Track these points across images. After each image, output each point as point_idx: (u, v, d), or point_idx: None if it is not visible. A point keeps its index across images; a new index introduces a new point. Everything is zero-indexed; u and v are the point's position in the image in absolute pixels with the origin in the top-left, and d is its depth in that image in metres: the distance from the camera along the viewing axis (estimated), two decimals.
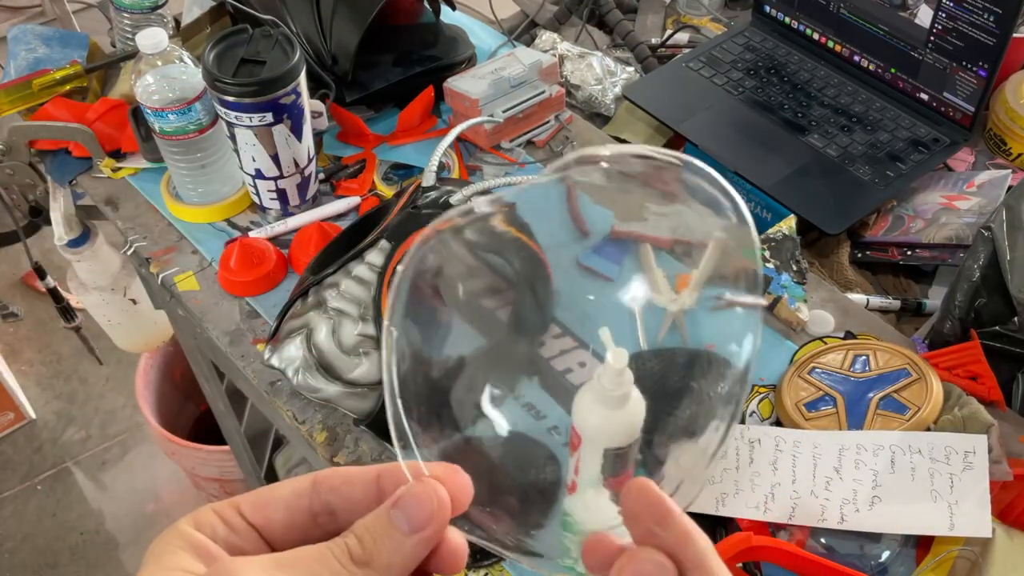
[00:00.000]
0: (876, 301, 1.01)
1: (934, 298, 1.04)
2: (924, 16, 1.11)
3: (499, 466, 0.41)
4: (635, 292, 0.40)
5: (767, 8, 1.31)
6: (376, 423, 0.86)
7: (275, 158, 1.00)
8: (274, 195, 1.05)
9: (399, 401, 0.37)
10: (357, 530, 0.33)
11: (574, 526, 0.72)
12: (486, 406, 0.41)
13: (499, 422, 0.42)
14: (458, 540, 0.35)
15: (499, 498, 0.39)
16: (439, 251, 0.39)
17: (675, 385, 0.43)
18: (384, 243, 0.87)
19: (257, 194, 1.05)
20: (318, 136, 1.13)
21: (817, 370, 0.87)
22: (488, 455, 0.41)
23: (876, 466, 0.77)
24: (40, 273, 1.40)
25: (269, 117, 0.95)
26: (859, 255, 1.08)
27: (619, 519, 0.69)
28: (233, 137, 0.98)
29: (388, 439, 0.46)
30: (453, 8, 1.28)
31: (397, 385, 0.37)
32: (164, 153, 1.05)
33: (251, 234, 1.05)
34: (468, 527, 0.36)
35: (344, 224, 1.05)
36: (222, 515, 0.34)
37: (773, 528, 0.78)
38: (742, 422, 0.86)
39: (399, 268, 0.37)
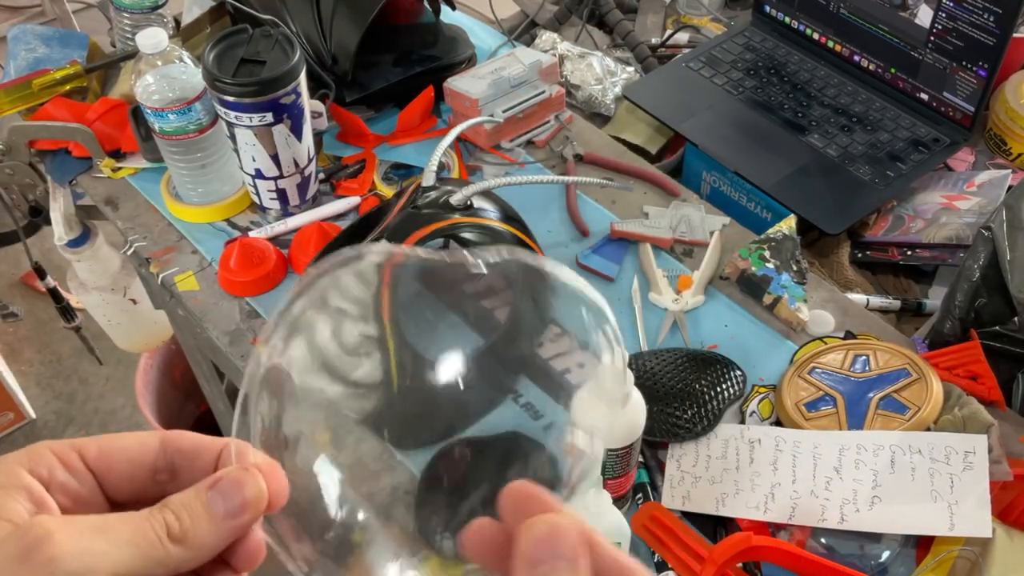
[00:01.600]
0: (876, 301, 1.01)
1: (934, 298, 1.04)
2: (924, 16, 1.11)
3: (320, 500, 0.42)
4: None
5: (767, 8, 1.31)
6: (376, 422, 0.86)
7: (275, 158, 1.00)
8: (274, 195, 1.05)
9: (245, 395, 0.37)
10: (174, 506, 0.33)
11: None
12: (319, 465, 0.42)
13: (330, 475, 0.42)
14: (260, 538, 0.35)
15: (311, 524, 0.39)
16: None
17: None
18: (384, 243, 0.86)
19: (257, 194, 1.05)
20: (318, 136, 1.13)
21: (817, 370, 0.87)
22: (317, 485, 0.42)
23: (876, 466, 0.77)
24: (40, 273, 1.40)
25: (269, 117, 0.95)
26: (859, 255, 1.08)
27: (618, 524, 0.69)
28: (233, 137, 0.98)
29: (389, 439, 0.46)
30: (453, 8, 1.28)
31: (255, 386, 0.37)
32: (164, 153, 1.05)
33: (251, 234, 1.05)
34: (273, 534, 0.37)
35: (344, 224, 1.05)
36: (62, 457, 0.34)
37: (773, 528, 0.78)
38: (742, 422, 0.87)
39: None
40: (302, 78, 0.96)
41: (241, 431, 0.36)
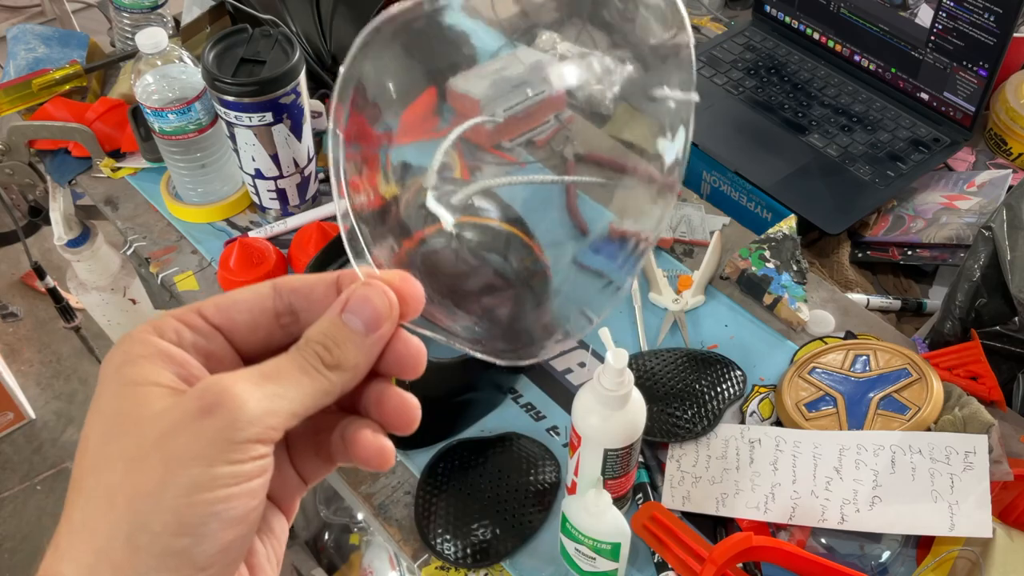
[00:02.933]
0: (876, 301, 1.01)
1: (934, 298, 1.04)
2: (924, 16, 1.11)
3: (455, 266, 0.43)
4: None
5: (767, 8, 1.31)
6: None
7: (275, 158, 1.00)
8: (274, 195, 1.05)
9: (348, 201, 0.37)
10: (316, 336, 0.34)
11: (573, 531, 0.72)
12: (431, 203, 0.42)
13: (445, 217, 0.43)
14: (416, 343, 0.36)
15: (463, 298, 0.40)
16: (378, 55, 0.39)
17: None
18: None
19: (257, 194, 1.05)
20: (318, 136, 1.12)
21: (817, 370, 0.87)
22: (443, 259, 0.43)
23: (876, 466, 0.77)
24: (40, 273, 1.40)
25: (269, 117, 0.95)
26: (859, 255, 1.08)
27: (618, 524, 0.69)
28: (233, 137, 0.98)
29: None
30: None
31: (346, 185, 0.37)
32: (164, 153, 1.05)
33: (251, 234, 1.05)
34: (430, 327, 0.38)
35: None
36: (185, 320, 0.34)
37: (773, 528, 0.78)
38: (742, 422, 0.86)
39: (341, 70, 0.37)
40: (302, 78, 0.96)
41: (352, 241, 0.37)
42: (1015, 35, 1.06)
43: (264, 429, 0.31)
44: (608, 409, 0.70)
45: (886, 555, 0.75)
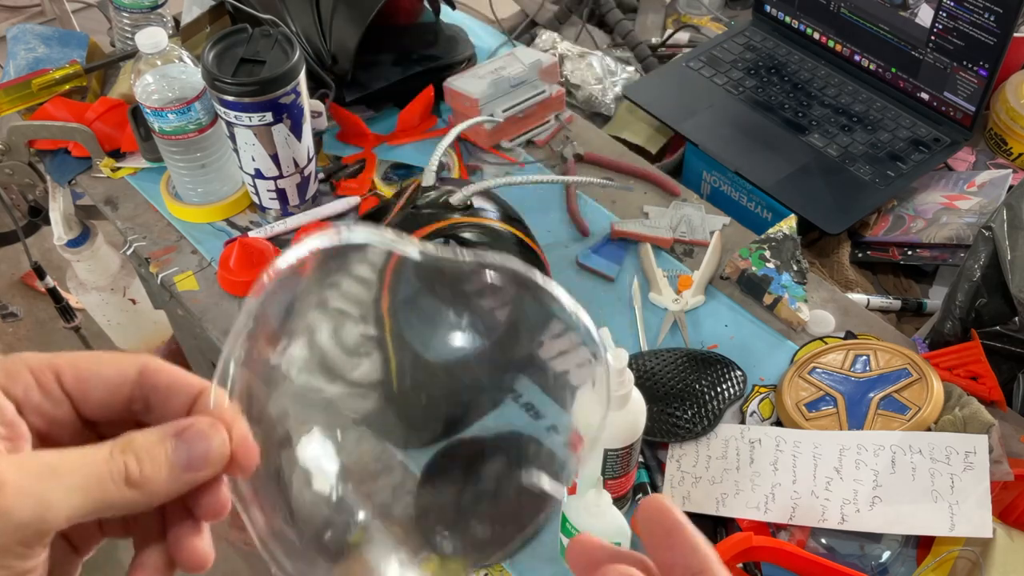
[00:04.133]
0: (876, 301, 1.01)
1: (935, 298, 1.03)
2: (925, 16, 1.11)
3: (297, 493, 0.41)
4: None
5: (767, 7, 1.31)
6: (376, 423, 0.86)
7: (275, 158, 1.00)
8: (274, 195, 1.04)
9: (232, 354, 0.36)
10: (136, 448, 0.32)
11: (573, 531, 0.72)
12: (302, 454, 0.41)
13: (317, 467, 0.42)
14: (225, 494, 0.35)
15: (276, 502, 0.39)
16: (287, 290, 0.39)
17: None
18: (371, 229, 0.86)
19: (257, 194, 1.05)
20: (318, 136, 1.12)
21: (818, 370, 0.87)
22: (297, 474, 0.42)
23: (877, 466, 0.76)
24: (39, 273, 1.40)
25: (269, 117, 0.95)
26: (859, 255, 1.08)
27: (618, 523, 0.69)
28: (233, 137, 0.98)
29: (389, 438, 0.46)
30: (453, 7, 1.27)
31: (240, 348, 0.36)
32: (163, 153, 1.05)
33: (251, 234, 1.05)
34: (238, 495, 0.36)
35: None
36: (39, 378, 0.33)
37: (773, 528, 0.78)
38: (742, 422, 0.86)
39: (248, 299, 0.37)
40: (302, 78, 0.96)
41: (222, 381, 0.36)
42: (1015, 35, 1.06)
43: (31, 535, 0.30)
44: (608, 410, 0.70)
45: (886, 555, 0.75)
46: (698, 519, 0.80)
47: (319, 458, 0.42)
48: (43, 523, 0.30)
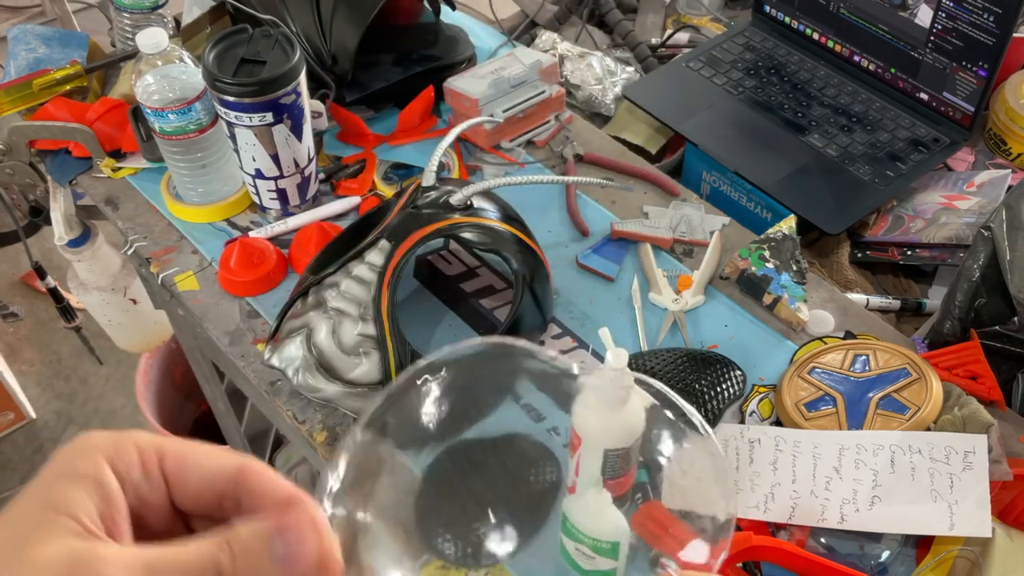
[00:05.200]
0: (876, 301, 1.01)
1: (934, 298, 1.04)
2: (924, 16, 1.11)
3: None
4: None
5: (767, 8, 1.31)
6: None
7: (275, 158, 1.00)
8: (274, 195, 1.05)
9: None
10: (235, 544, 0.32)
11: (573, 530, 0.72)
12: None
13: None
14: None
15: None
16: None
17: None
18: (384, 243, 0.86)
19: (257, 194, 1.05)
20: (318, 136, 1.13)
21: (817, 370, 0.87)
22: None
23: (876, 466, 0.77)
24: (40, 273, 1.40)
25: (269, 117, 0.95)
26: (859, 255, 1.08)
27: (618, 523, 0.69)
28: (233, 137, 0.98)
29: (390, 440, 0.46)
30: (453, 8, 1.28)
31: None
32: (164, 153, 1.05)
33: (251, 234, 1.05)
34: None
35: (344, 224, 1.05)
36: (144, 458, 0.34)
37: (773, 528, 0.78)
38: (741, 422, 0.86)
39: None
40: (302, 78, 0.96)
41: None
42: (1015, 35, 1.06)
43: None
44: (608, 409, 0.70)
45: (886, 555, 0.75)
46: None
47: None
48: None
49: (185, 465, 0.34)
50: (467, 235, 0.87)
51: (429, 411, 0.45)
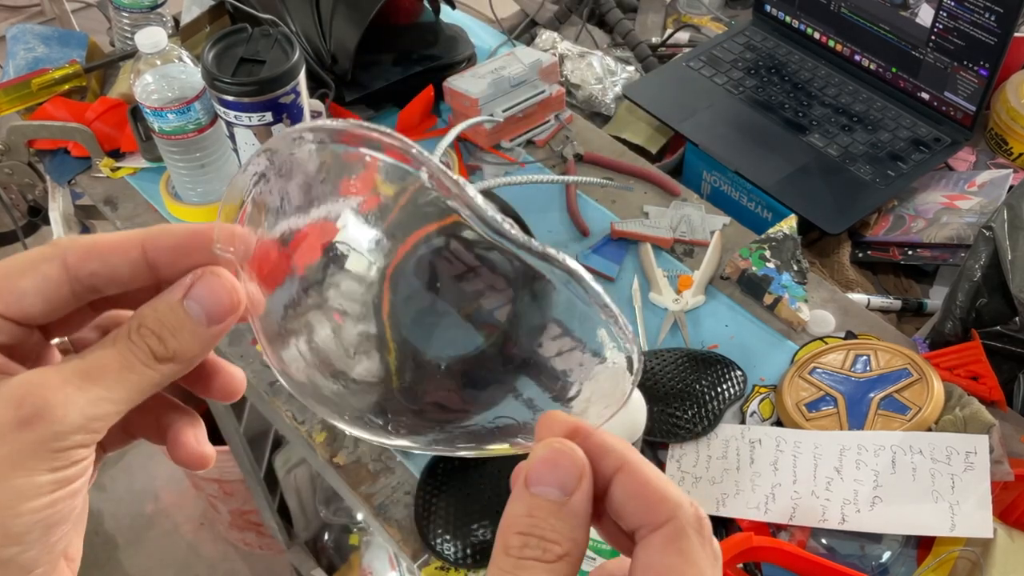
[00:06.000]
0: (877, 301, 1.01)
1: (935, 298, 1.03)
2: (925, 15, 1.11)
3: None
4: None
5: (768, 7, 1.31)
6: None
7: None
8: None
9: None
10: (150, 323, 0.32)
11: None
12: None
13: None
14: (237, 371, 0.36)
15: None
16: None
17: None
18: (385, 243, 0.86)
19: None
20: None
21: (818, 370, 0.87)
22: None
23: (877, 466, 0.76)
24: None
25: (268, 116, 0.95)
26: (860, 255, 1.08)
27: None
28: (232, 137, 0.98)
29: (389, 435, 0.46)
30: (453, 7, 1.27)
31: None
32: (163, 153, 1.05)
33: None
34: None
35: None
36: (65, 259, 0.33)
37: (774, 528, 0.78)
38: (742, 422, 0.86)
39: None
40: (301, 77, 0.96)
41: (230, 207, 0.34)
42: (1016, 35, 1.06)
43: (86, 435, 0.30)
44: None
45: (887, 555, 0.75)
46: None
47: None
48: (96, 420, 0.31)
49: (88, 257, 0.33)
50: (467, 235, 0.87)
51: None
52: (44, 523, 0.30)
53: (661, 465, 0.84)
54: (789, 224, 1.01)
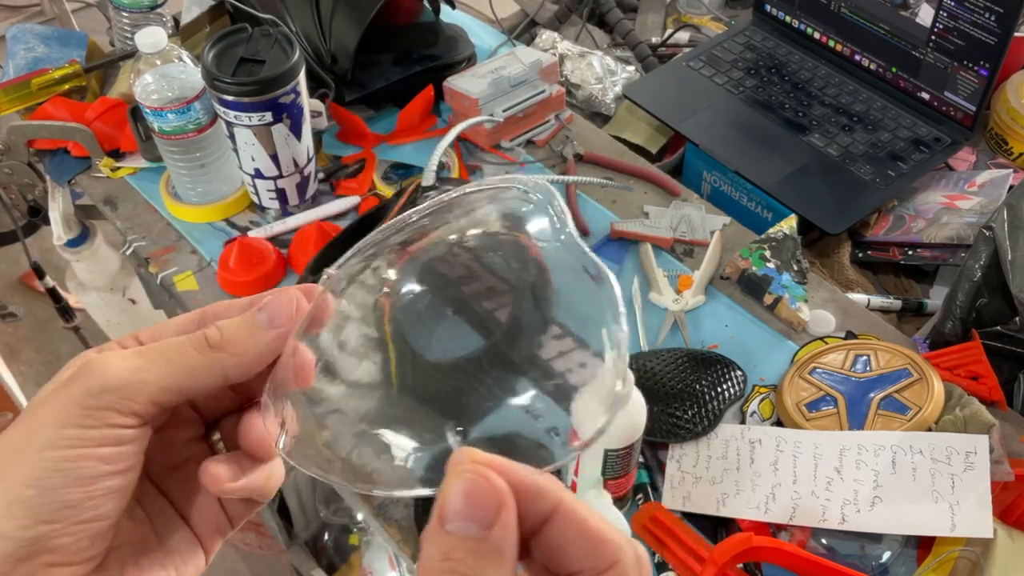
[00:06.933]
0: (877, 301, 1.01)
1: (935, 298, 1.03)
2: (925, 15, 1.11)
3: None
4: None
5: (768, 7, 1.31)
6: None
7: (274, 158, 1.00)
8: (273, 195, 1.04)
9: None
10: (219, 322, 0.35)
11: None
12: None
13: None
14: (308, 355, 0.37)
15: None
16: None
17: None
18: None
19: (256, 194, 1.05)
20: (317, 135, 1.12)
21: (818, 370, 0.87)
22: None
23: (877, 466, 0.76)
24: (39, 273, 1.40)
25: (268, 116, 0.95)
26: (860, 255, 1.08)
27: (618, 524, 0.69)
28: (232, 136, 0.98)
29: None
30: (453, 7, 1.27)
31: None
32: (163, 152, 1.05)
33: (250, 234, 1.05)
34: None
35: (343, 224, 1.04)
36: (122, 343, 0.36)
37: (774, 529, 0.78)
38: (742, 422, 0.86)
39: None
40: (301, 77, 0.96)
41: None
42: (1016, 35, 1.06)
43: (120, 399, 0.32)
44: None
45: (887, 555, 0.75)
46: (698, 519, 0.80)
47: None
48: (135, 389, 0.32)
49: (157, 332, 0.36)
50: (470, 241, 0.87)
51: None
52: (63, 474, 0.31)
53: (661, 466, 0.84)
54: (789, 224, 1.01)
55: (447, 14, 1.27)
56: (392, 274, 0.41)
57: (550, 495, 0.28)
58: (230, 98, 0.93)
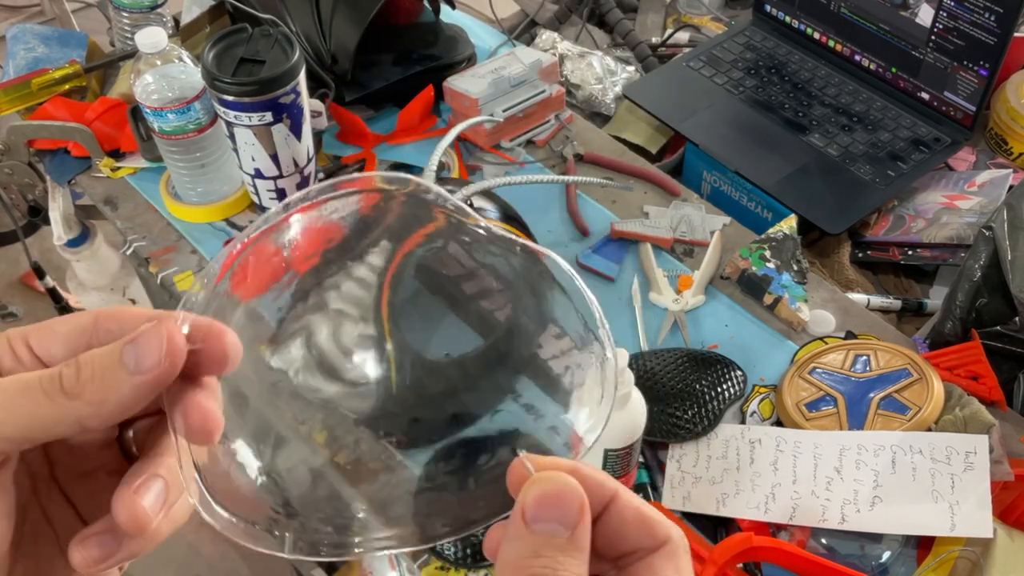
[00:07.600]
0: (877, 301, 1.01)
1: (935, 298, 1.03)
2: (925, 15, 1.11)
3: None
4: None
5: (767, 7, 1.31)
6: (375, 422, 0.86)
7: (274, 158, 1.00)
8: (273, 195, 1.04)
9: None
10: (81, 359, 0.31)
11: None
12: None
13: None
14: (208, 407, 0.32)
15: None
16: None
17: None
18: (384, 243, 0.86)
19: (256, 194, 1.05)
20: (317, 136, 1.12)
21: (818, 370, 0.87)
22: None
23: (877, 466, 0.76)
24: (39, 273, 1.40)
25: (268, 116, 0.95)
26: (860, 255, 1.08)
27: None
28: (232, 137, 0.98)
29: (387, 437, 0.46)
30: (453, 7, 1.27)
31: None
32: (163, 152, 1.05)
33: None
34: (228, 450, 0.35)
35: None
36: (12, 345, 0.33)
37: (774, 528, 0.78)
38: (742, 422, 0.86)
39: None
40: (301, 77, 0.96)
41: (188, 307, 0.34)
42: (1015, 35, 1.06)
43: None
44: None
45: (887, 555, 0.75)
46: (699, 519, 0.80)
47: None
48: None
49: (47, 335, 0.33)
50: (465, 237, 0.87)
51: None
52: None
53: (661, 465, 0.84)
54: (789, 224, 1.01)
55: (447, 14, 1.27)
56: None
57: (609, 486, 0.32)
58: (230, 98, 0.93)
